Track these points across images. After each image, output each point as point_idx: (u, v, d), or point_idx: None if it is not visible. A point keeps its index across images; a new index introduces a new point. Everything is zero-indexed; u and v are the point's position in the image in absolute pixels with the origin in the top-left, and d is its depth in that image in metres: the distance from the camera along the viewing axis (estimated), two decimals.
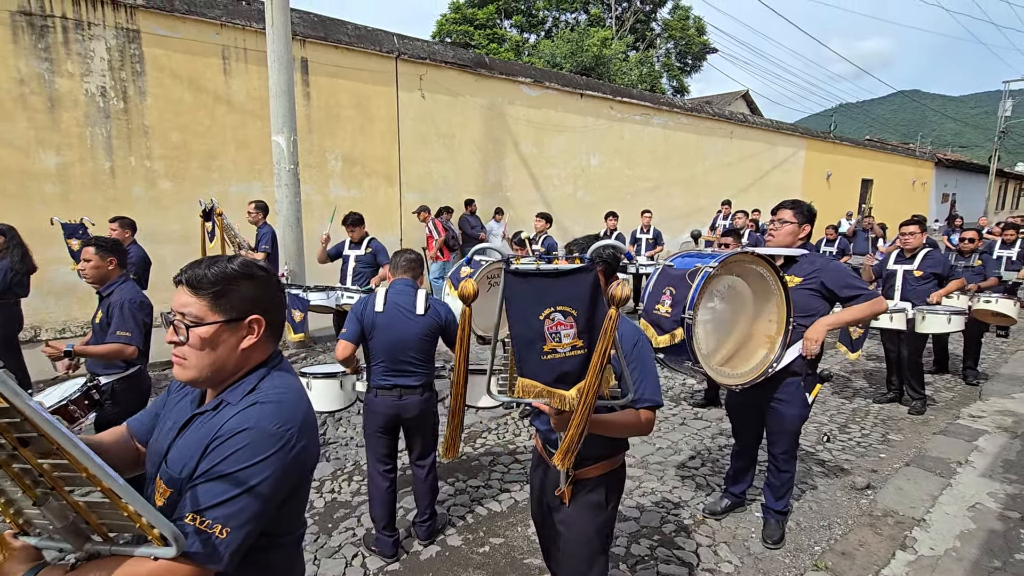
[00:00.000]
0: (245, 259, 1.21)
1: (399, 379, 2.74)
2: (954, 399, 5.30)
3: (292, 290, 4.92)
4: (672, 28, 25.88)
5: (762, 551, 2.90)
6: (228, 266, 1.16)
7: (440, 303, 2.87)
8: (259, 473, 1.04)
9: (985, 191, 28.02)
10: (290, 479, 1.11)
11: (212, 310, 1.13)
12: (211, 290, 1.13)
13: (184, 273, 1.15)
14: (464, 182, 10.19)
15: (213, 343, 1.13)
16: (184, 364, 1.14)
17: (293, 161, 6.31)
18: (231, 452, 1.04)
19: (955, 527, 3.13)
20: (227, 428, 1.06)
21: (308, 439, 1.15)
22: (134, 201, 6.87)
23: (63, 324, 6.61)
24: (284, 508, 1.14)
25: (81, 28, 6.42)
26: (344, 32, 8.41)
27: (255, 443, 1.05)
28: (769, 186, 16.91)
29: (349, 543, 2.96)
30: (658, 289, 2.44)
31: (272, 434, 1.07)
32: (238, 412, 1.09)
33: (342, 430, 4.39)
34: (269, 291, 1.22)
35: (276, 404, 1.12)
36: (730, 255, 2.41)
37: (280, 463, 1.07)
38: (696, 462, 3.92)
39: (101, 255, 2.86)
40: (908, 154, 24.94)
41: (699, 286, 2.26)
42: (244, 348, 1.16)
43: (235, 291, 1.15)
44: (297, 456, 1.11)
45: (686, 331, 2.26)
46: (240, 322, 1.15)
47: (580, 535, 1.87)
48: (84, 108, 6.52)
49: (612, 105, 12.56)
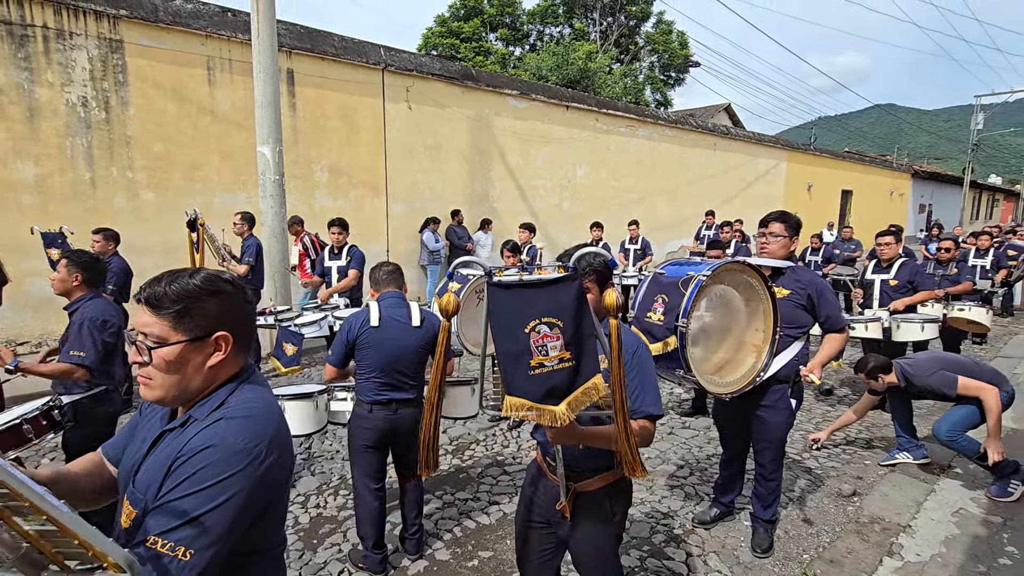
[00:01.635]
0: (209, 273, 1.16)
1: (394, 393, 2.71)
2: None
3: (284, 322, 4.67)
4: (655, 42, 26.34)
5: (751, 560, 2.90)
6: (190, 282, 1.11)
7: (433, 315, 2.87)
8: (224, 492, 1.00)
9: (960, 202, 28.75)
10: (260, 497, 1.07)
11: (175, 329, 1.09)
12: (173, 309, 1.08)
13: (143, 291, 1.11)
14: (451, 193, 10.20)
15: (178, 363, 1.09)
16: (150, 384, 1.10)
17: (279, 172, 6.26)
18: (195, 471, 1.00)
19: (940, 533, 3.16)
20: (191, 446, 1.02)
21: (279, 454, 1.10)
22: (115, 212, 6.76)
23: (39, 338, 6.45)
24: (259, 525, 1.10)
25: (62, 38, 6.34)
26: (331, 44, 8.42)
27: (220, 460, 1.01)
28: (752, 197, 17.18)
29: (335, 559, 2.90)
30: (649, 296, 2.43)
31: (238, 450, 1.03)
32: (203, 429, 1.05)
33: (327, 443, 4.32)
34: (236, 306, 1.17)
35: (244, 419, 1.08)
36: (723, 264, 2.41)
37: (247, 480, 1.03)
38: (685, 471, 3.92)
39: (68, 269, 2.77)
40: (886, 166, 25.53)
41: (693, 294, 2.26)
42: (212, 365, 1.12)
43: (199, 308, 1.10)
44: (267, 472, 1.06)
45: (679, 339, 2.25)
46: (206, 340, 1.11)
47: (593, 551, 1.84)
48: (64, 118, 6.43)
49: (597, 117, 12.71)
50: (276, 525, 1.19)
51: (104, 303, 2.84)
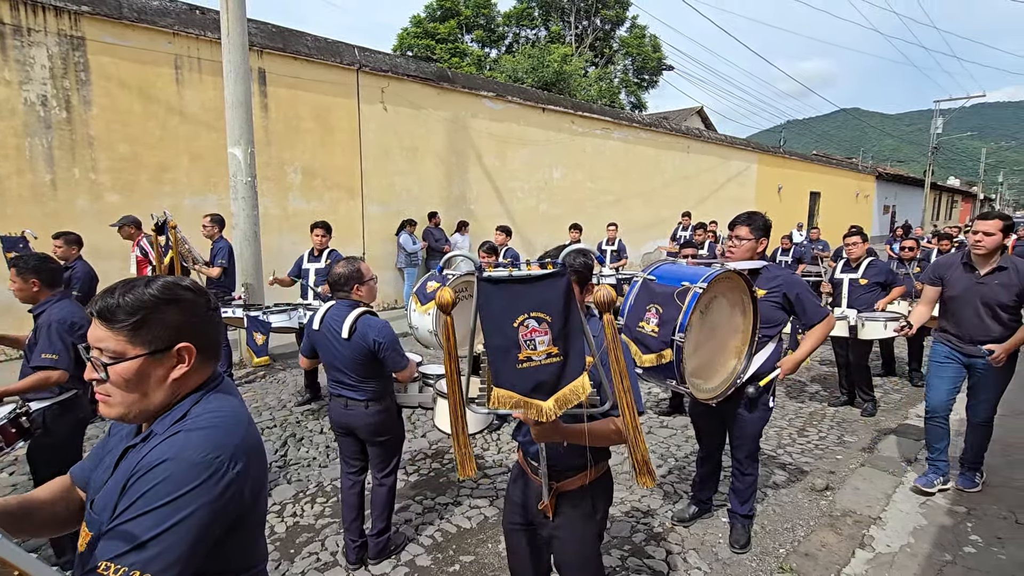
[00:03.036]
0: (166, 281, 1.09)
1: (343, 390, 2.75)
2: (902, 400, 5.56)
3: (253, 312, 4.72)
4: (630, 46, 26.68)
5: (730, 556, 2.95)
6: (146, 291, 1.04)
7: (370, 326, 2.65)
8: (182, 508, 0.92)
9: (922, 203, 29.81)
10: (226, 511, 1.00)
11: (132, 343, 1.01)
12: (128, 321, 1.01)
13: (96, 303, 1.02)
14: (428, 194, 10.14)
15: (138, 378, 1.02)
16: (108, 402, 1.03)
17: (250, 173, 6.13)
18: (149, 487, 0.92)
19: (909, 524, 3.26)
20: (145, 461, 0.96)
21: (245, 463, 1.03)
22: (78, 215, 6.52)
23: None
24: (230, 541, 1.04)
25: (20, 34, 6.10)
26: (304, 43, 8.29)
27: (176, 475, 0.94)
28: (725, 198, 17.52)
29: (313, 568, 2.84)
30: (641, 305, 2.38)
31: (196, 463, 0.96)
32: (160, 442, 0.98)
33: (304, 450, 4.24)
34: (197, 313, 1.09)
35: (205, 430, 1.01)
36: (717, 274, 2.39)
37: (208, 495, 0.95)
38: (663, 470, 3.96)
39: (22, 277, 2.67)
40: (852, 168, 26.34)
41: (691, 308, 2.22)
42: (176, 379, 1.06)
43: (156, 319, 1.03)
44: (230, 485, 0.99)
45: (676, 353, 2.22)
46: (167, 352, 1.04)
47: (576, 550, 1.85)
48: (23, 117, 6.17)
49: (573, 119, 12.79)
50: (252, 540, 1.13)
51: (71, 305, 2.76)
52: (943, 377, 3.54)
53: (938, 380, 3.56)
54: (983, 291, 3.32)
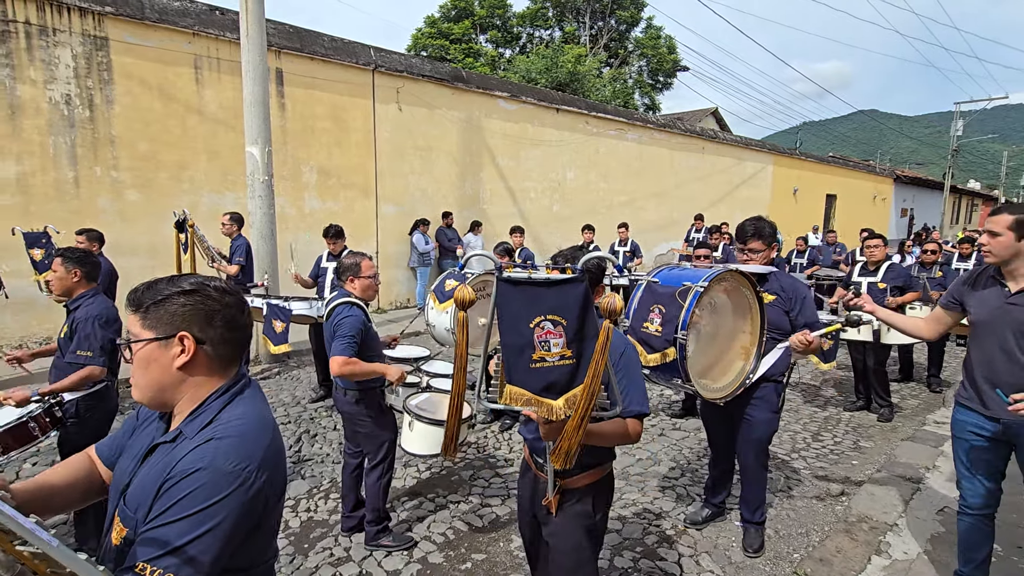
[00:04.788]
0: (193, 277, 1.17)
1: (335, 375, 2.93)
2: (920, 406, 5.47)
3: (274, 300, 4.77)
4: (644, 46, 26.55)
5: (743, 560, 2.93)
6: (167, 284, 1.14)
7: (338, 313, 2.81)
8: (215, 516, 0.99)
9: (940, 206, 29.31)
10: (251, 517, 1.06)
11: (143, 327, 1.12)
12: (144, 306, 1.12)
13: (130, 294, 1.15)
14: (441, 195, 10.18)
15: (147, 361, 1.11)
16: (135, 383, 1.14)
17: (267, 172, 6.21)
18: (184, 494, 0.99)
19: (926, 531, 3.21)
20: (180, 468, 1.01)
21: (270, 472, 1.10)
22: (99, 212, 6.65)
23: (20, 340, 6.32)
24: (249, 542, 1.09)
25: (46, 34, 6.23)
26: (320, 44, 8.37)
27: (210, 484, 1.00)
28: (739, 200, 17.37)
29: (327, 563, 2.87)
30: (644, 306, 2.42)
31: (228, 473, 1.02)
32: (193, 449, 1.04)
33: (318, 446, 4.28)
34: (208, 307, 1.14)
35: (234, 439, 1.06)
36: (717, 273, 2.42)
37: (238, 502, 1.02)
38: (676, 472, 3.95)
39: (66, 267, 2.74)
40: (869, 170, 25.96)
41: (691, 306, 2.26)
42: (179, 367, 1.11)
43: (165, 307, 1.11)
44: (258, 493, 1.06)
45: (679, 351, 2.25)
46: (170, 339, 1.11)
47: (568, 545, 1.86)
48: (47, 116, 6.31)
49: (587, 120, 12.77)
50: (267, 540, 1.18)
51: (106, 301, 2.84)
52: (976, 461, 2.44)
53: (967, 468, 2.48)
54: (1015, 315, 2.28)
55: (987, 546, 2.51)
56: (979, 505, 2.48)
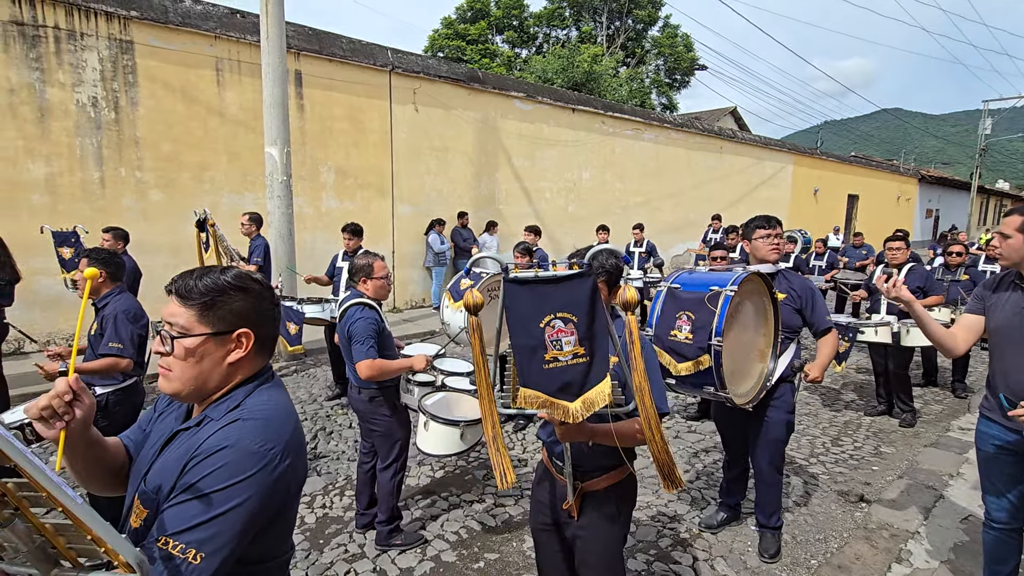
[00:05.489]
0: (240, 271, 1.18)
1: (349, 372, 2.98)
2: (943, 412, 5.34)
3: (287, 302, 4.87)
4: (662, 45, 26.35)
5: (759, 565, 2.89)
6: (220, 277, 1.12)
7: (351, 315, 2.82)
8: (239, 494, 0.98)
9: (967, 207, 28.58)
10: (273, 501, 1.05)
11: (200, 321, 1.10)
12: (200, 301, 1.10)
13: (175, 283, 1.13)
14: (457, 195, 10.22)
15: (198, 355, 1.09)
16: (168, 376, 1.11)
17: (286, 173, 6.30)
18: (209, 471, 0.99)
19: (949, 540, 3.13)
20: (206, 446, 1.02)
21: (293, 459, 1.09)
22: (123, 212, 6.80)
23: (48, 336, 6.49)
24: (269, 532, 1.09)
25: (74, 38, 6.39)
26: (339, 46, 8.46)
27: (235, 462, 1.00)
28: (758, 200, 17.14)
29: (341, 559, 2.90)
30: (670, 314, 2.35)
31: (253, 453, 1.02)
32: (219, 429, 1.05)
33: (333, 444, 4.33)
34: (261, 305, 1.17)
35: (260, 422, 1.07)
36: (744, 276, 2.37)
37: (262, 484, 1.01)
38: (691, 475, 3.91)
39: (94, 267, 2.84)
40: (892, 170, 25.44)
41: (724, 311, 2.20)
42: (231, 362, 1.12)
43: (225, 303, 1.11)
44: (280, 477, 1.05)
45: (714, 358, 2.19)
46: (228, 335, 1.11)
47: (595, 548, 1.84)
48: (74, 118, 6.47)
49: (604, 120, 12.71)
50: (286, 532, 1.18)
51: (132, 298, 2.97)
52: (1000, 474, 2.36)
53: (992, 482, 2.41)
54: None
55: (1014, 560, 2.44)
56: (1004, 520, 2.40)
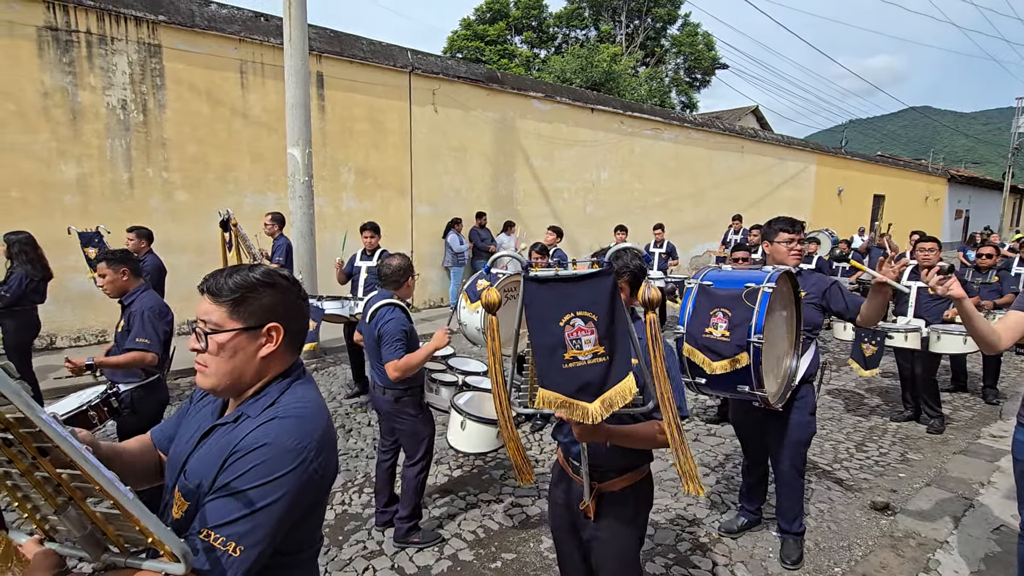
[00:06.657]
0: (268, 268, 1.21)
1: (373, 373, 3.04)
2: (974, 418, 5.19)
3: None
4: (681, 44, 26.08)
5: (780, 572, 2.84)
6: (249, 274, 1.16)
7: (382, 315, 2.85)
8: (276, 490, 1.02)
9: (999, 207, 27.74)
10: (308, 496, 1.09)
11: (231, 317, 1.13)
12: (230, 297, 1.13)
13: (206, 281, 1.17)
14: (475, 195, 10.25)
15: (231, 350, 1.13)
16: (205, 371, 1.14)
17: (307, 173, 6.38)
18: (248, 468, 1.02)
19: (979, 550, 3.04)
20: (245, 443, 1.05)
21: (327, 454, 1.14)
22: (151, 211, 6.97)
23: (78, 332, 6.68)
24: (302, 525, 1.13)
25: (104, 43, 6.57)
26: (359, 47, 8.55)
27: (273, 459, 1.03)
28: (780, 201, 16.86)
29: (360, 556, 2.93)
30: (703, 311, 2.28)
31: (290, 450, 1.05)
32: (257, 426, 1.08)
33: (352, 441, 4.37)
34: (290, 300, 1.20)
35: (295, 419, 1.10)
36: (780, 272, 2.32)
37: (298, 480, 1.05)
38: (710, 479, 3.86)
39: (113, 268, 2.91)
40: (920, 170, 24.80)
41: (764, 307, 2.15)
42: (263, 356, 1.16)
43: (254, 299, 1.15)
44: (315, 472, 1.09)
45: (754, 355, 2.13)
46: (258, 330, 1.15)
47: (611, 550, 1.83)
48: (105, 120, 6.65)
49: (623, 120, 12.63)
50: (315, 526, 1.22)
51: (158, 296, 3.04)
52: None
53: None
54: None
55: None
56: None
